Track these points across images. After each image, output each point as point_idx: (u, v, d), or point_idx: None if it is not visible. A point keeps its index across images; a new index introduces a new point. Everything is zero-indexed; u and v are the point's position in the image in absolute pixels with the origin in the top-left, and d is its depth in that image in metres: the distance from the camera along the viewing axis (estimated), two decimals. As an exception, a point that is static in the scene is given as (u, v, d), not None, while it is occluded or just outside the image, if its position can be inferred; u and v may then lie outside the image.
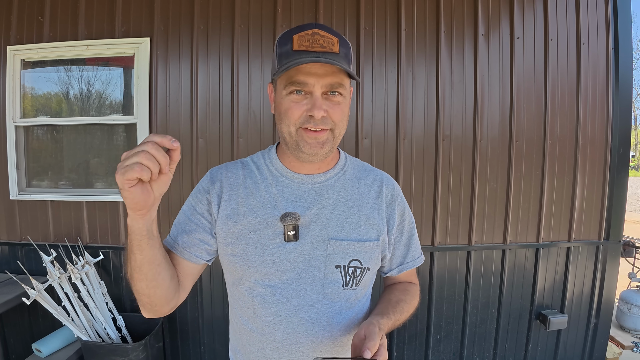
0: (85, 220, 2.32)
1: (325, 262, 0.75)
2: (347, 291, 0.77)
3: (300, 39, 0.68)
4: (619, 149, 2.39)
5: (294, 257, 0.74)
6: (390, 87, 2.24)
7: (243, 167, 0.83)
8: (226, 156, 2.24)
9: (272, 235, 0.75)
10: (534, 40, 2.30)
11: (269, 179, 0.80)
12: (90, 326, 2.05)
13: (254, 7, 2.21)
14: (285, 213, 0.74)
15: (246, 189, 0.79)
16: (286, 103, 0.71)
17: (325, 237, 0.76)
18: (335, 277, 0.76)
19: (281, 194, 0.77)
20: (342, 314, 0.77)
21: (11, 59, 2.29)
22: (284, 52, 0.70)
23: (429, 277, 2.34)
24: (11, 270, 2.24)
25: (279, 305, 0.75)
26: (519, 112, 2.30)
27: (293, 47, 0.68)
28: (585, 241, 2.43)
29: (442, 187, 2.29)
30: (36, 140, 2.44)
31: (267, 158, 0.83)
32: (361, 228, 0.78)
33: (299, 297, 0.75)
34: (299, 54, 0.68)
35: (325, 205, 0.78)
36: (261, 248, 0.74)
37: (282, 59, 0.70)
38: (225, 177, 0.80)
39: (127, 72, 2.35)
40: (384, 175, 0.88)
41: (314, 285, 0.75)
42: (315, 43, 0.68)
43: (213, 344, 2.37)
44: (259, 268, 0.74)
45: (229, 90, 2.23)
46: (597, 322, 2.51)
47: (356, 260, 0.77)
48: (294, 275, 0.75)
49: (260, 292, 0.76)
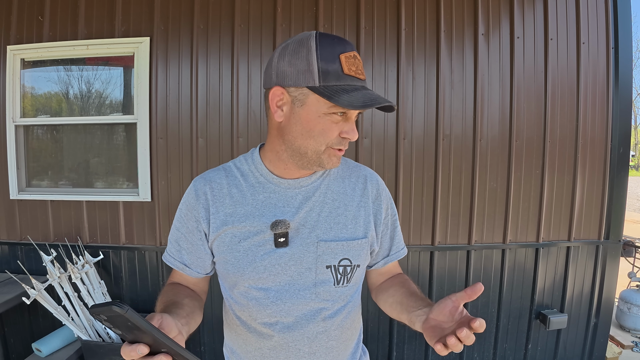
0: (85, 220, 2.33)
1: (316, 263, 0.76)
2: (339, 289, 0.79)
3: (347, 61, 0.68)
4: (619, 149, 2.39)
5: (284, 261, 0.75)
6: (390, 87, 2.24)
7: (226, 174, 0.81)
8: (226, 156, 2.24)
9: (262, 242, 0.75)
10: (534, 40, 2.30)
11: (255, 185, 0.79)
12: (90, 326, 2.05)
13: (253, 6, 2.21)
14: (275, 221, 0.75)
15: (232, 198, 0.78)
16: (325, 123, 0.70)
17: (315, 239, 0.76)
18: (326, 276, 0.77)
19: (268, 201, 0.77)
20: (335, 311, 0.80)
21: (11, 59, 2.29)
22: (333, 71, 0.67)
23: (429, 276, 2.34)
24: (11, 270, 2.24)
25: (274, 307, 0.76)
26: (518, 112, 2.30)
27: (344, 70, 0.67)
28: (585, 241, 2.43)
29: (442, 186, 2.29)
30: (36, 140, 2.44)
31: (251, 163, 0.82)
32: (348, 227, 0.80)
33: (293, 298, 0.76)
34: (351, 80, 0.68)
35: (312, 208, 0.78)
36: (252, 255, 0.75)
37: (331, 78, 0.67)
38: (210, 189, 0.79)
39: (127, 72, 2.35)
40: (367, 171, 0.89)
41: (306, 286, 0.76)
42: (359, 69, 0.69)
43: (213, 343, 2.37)
44: (252, 274, 0.75)
45: (229, 89, 2.23)
46: (597, 322, 2.51)
47: (346, 259, 0.78)
48: (287, 278, 0.76)
49: (255, 295, 0.77)
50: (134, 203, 2.30)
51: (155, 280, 2.34)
